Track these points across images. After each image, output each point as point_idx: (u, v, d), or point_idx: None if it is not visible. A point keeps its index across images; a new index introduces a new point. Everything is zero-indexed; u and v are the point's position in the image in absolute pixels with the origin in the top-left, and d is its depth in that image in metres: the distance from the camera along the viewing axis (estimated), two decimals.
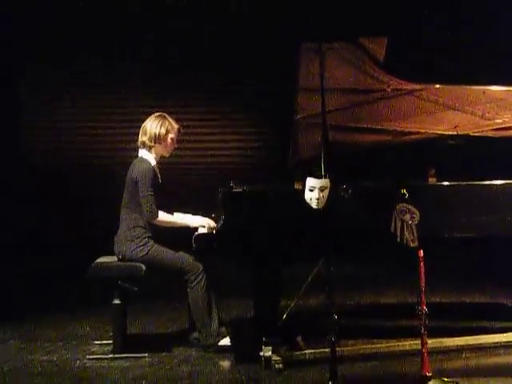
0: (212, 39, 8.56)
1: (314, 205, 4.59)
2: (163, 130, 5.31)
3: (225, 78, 8.60)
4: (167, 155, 5.41)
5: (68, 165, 8.80)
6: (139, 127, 5.38)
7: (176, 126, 5.38)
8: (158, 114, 5.39)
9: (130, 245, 5.23)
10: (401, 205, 4.76)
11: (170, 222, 5.25)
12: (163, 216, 5.23)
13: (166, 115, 5.39)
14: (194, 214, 5.29)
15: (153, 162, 5.30)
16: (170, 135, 5.35)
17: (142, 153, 5.34)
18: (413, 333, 4.70)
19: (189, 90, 8.71)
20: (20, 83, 8.86)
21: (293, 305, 5.26)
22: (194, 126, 8.54)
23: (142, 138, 5.33)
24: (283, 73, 5.51)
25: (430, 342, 4.58)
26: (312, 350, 4.92)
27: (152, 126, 5.32)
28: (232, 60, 8.45)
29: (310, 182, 4.60)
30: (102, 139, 8.86)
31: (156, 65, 8.71)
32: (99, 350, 5.34)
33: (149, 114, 5.41)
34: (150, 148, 5.32)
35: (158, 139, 5.30)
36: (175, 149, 5.43)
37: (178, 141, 5.43)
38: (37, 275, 7.81)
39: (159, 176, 5.33)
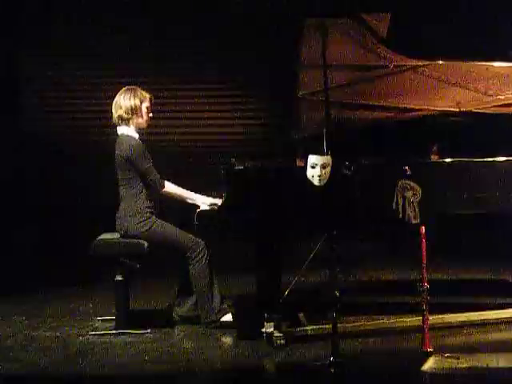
0: (213, 19, 8.49)
1: (315, 182, 4.59)
2: (137, 101, 5.30)
3: (227, 55, 8.54)
4: (145, 125, 5.37)
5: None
6: None
7: (147, 96, 5.37)
8: (126, 87, 5.39)
9: (131, 220, 5.23)
10: (403, 182, 4.76)
11: (177, 194, 5.27)
12: (170, 186, 5.26)
13: (135, 87, 5.40)
14: (197, 192, 5.30)
15: (136, 136, 5.30)
16: (145, 104, 5.33)
17: (122, 129, 5.32)
18: (414, 309, 4.72)
19: (191, 69, 8.66)
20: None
21: (295, 281, 5.27)
22: (195, 104, 8.53)
23: (117, 112, 5.30)
24: (285, 50, 5.48)
25: (431, 318, 4.60)
26: (314, 326, 4.93)
27: (125, 98, 5.30)
28: (235, 38, 8.39)
29: (312, 158, 4.59)
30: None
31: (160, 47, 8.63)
32: (102, 326, 5.37)
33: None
34: (127, 121, 5.29)
35: (134, 110, 5.29)
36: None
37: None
38: (39, 250, 7.82)
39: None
